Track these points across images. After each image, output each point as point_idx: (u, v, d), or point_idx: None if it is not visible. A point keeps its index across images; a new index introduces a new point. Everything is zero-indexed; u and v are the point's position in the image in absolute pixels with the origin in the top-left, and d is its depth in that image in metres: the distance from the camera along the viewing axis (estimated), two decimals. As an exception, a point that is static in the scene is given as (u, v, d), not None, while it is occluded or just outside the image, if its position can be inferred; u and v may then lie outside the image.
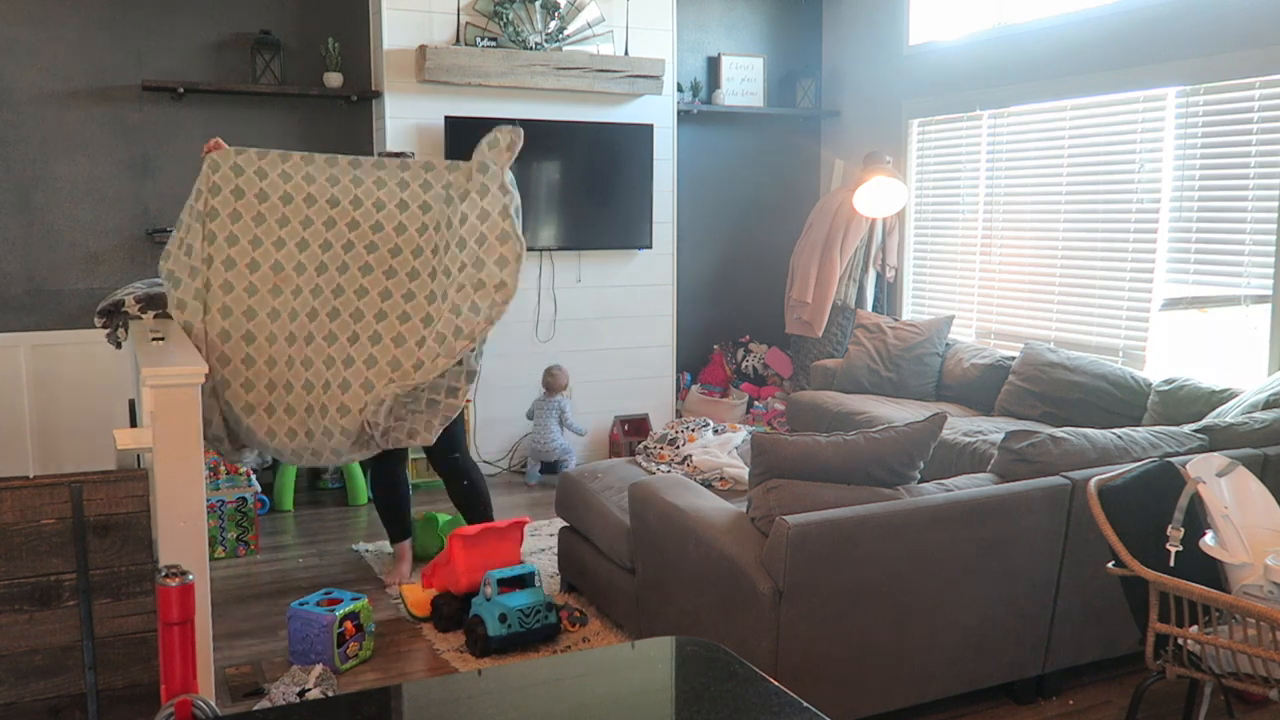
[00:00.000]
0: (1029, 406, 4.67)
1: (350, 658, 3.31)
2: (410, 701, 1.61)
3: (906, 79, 5.94)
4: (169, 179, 5.09)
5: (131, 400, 4.20)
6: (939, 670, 2.87)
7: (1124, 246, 4.73)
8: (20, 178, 4.84)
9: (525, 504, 5.08)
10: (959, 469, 4.08)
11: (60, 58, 4.84)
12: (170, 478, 2.50)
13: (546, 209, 5.50)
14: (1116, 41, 4.68)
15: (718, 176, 6.38)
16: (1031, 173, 5.22)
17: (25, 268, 4.89)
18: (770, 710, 1.45)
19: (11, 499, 2.31)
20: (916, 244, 6.05)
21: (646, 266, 5.84)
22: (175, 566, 1.66)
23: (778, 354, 6.43)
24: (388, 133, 5.19)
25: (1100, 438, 3.14)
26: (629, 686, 1.62)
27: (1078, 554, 2.97)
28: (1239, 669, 2.36)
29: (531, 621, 3.37)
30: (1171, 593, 2.37)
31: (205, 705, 1.60)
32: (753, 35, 6.39)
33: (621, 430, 5.76)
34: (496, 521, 3.69)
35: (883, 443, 2.86)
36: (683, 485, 3.26)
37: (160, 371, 2.50)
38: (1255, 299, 4.22)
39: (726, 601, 2.78)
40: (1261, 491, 2.58)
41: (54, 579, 2.35)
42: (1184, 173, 4.47)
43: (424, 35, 5.19)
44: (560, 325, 5.68)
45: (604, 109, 5.61)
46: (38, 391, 4.85)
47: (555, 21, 5.40)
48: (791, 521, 2.59)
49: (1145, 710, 3.02)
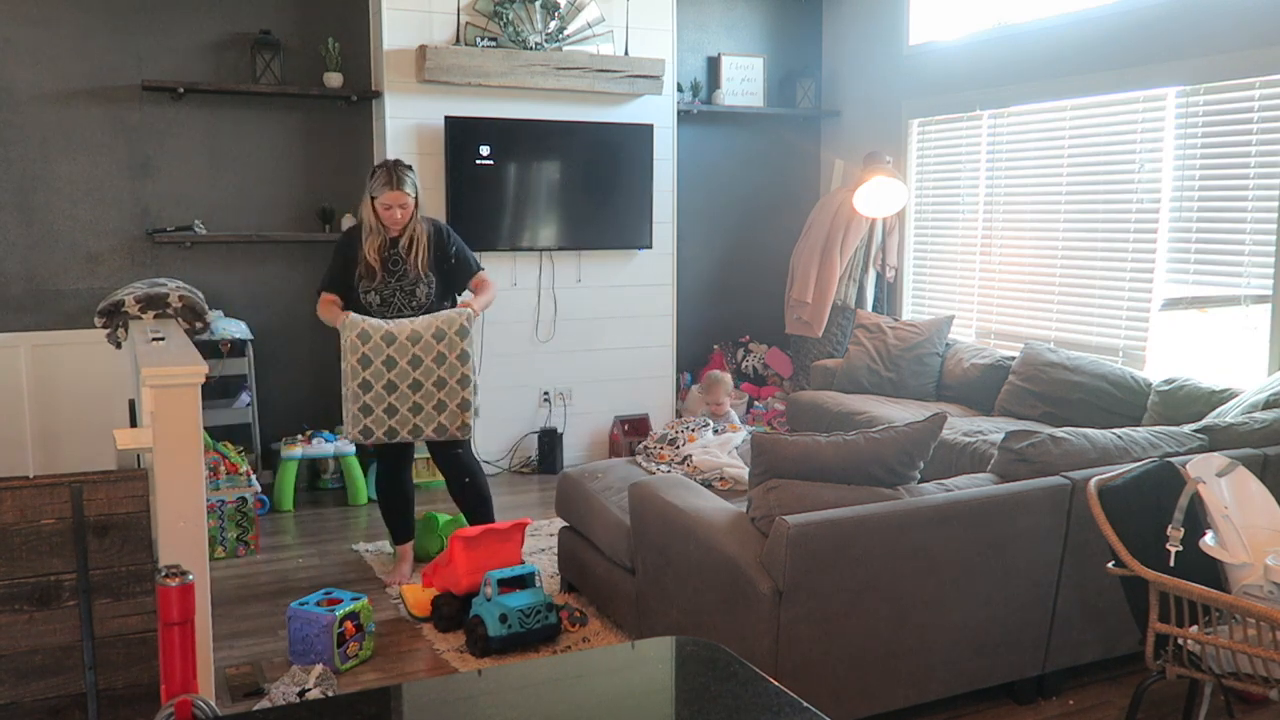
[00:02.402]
0: (1029, 406, 4.67)
1: (350, 658, 3.31)
2: (410, 701, 1.61)
3: (906, 79, 5.94)
4: (169, 179, 5.09)
5: (131, 400, 4.20)
6: (939, 670, 2.87)
7: (1124, 246, 4.73)
8: (20, 178, 4.84)
9: (526, 504, 5.08)
10: (959, 469, 4.08)
11: (60, 58, 4.84)
12: (170, 478, 2.50)
13: (546, 209, 5.50)
14: (1116, 41, 4.68)
15: (718, 176, 6.38)
16: (1031, 173, 5.22)
17: (25, 268, 4.89)
18: (770, 710, 1.45)
19: (11, 499, 2.31)
20: (916, 244, 6.05)
21: (646, 266, 5.84)
22: (175, 566, 1.66)
23: (778, 354, 6.43)
24: (388, 133, 5.19)
25: (1100, 438, 3.14)
26: (629, 686, 1.62)
27: (1078, 554, 2.97)
28: (1239, 669, 2.36)
29: (532, 622, 3.37)
30: (1171, 593, 2.37)
31: (205, 705, 1.60)
32: (753, 35, 6.39)
33: (621, 430, 5.75)
34: (497, 523, 3.69)
35: (883, 443, 2.86)
36: (683, 485, 3.25)
37: (160, 371, 2.50)
38: (1255, 299, 4.22)
39: (726, 601, 2.78)
40: (1261, 491, 2.58)
41: (54, 579, 2.35)
42: (1184, 173, 4.47)
43: (424, 35, 5.19)
44: (560, 325, 5.68)
45: (604, 109, 5.61)
46: (38, 391, 4.85)
47: (555, 21, 5.40)
48: (791, 521, 2.59)
49: (1145, 710, 3.02)
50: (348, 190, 5.33)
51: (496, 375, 5.55)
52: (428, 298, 3.86)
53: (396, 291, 3.83)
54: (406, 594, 3.73)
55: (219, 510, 4.27)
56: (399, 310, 3.83)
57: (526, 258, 5.56)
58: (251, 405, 5.05)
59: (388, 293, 3.83)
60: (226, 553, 4.31)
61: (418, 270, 3.82)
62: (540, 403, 5.71)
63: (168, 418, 2.49)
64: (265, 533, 4.61)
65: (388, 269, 3.81)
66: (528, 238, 5.48)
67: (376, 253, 3.80)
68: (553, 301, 5.65)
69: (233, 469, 4.40)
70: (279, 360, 5.34)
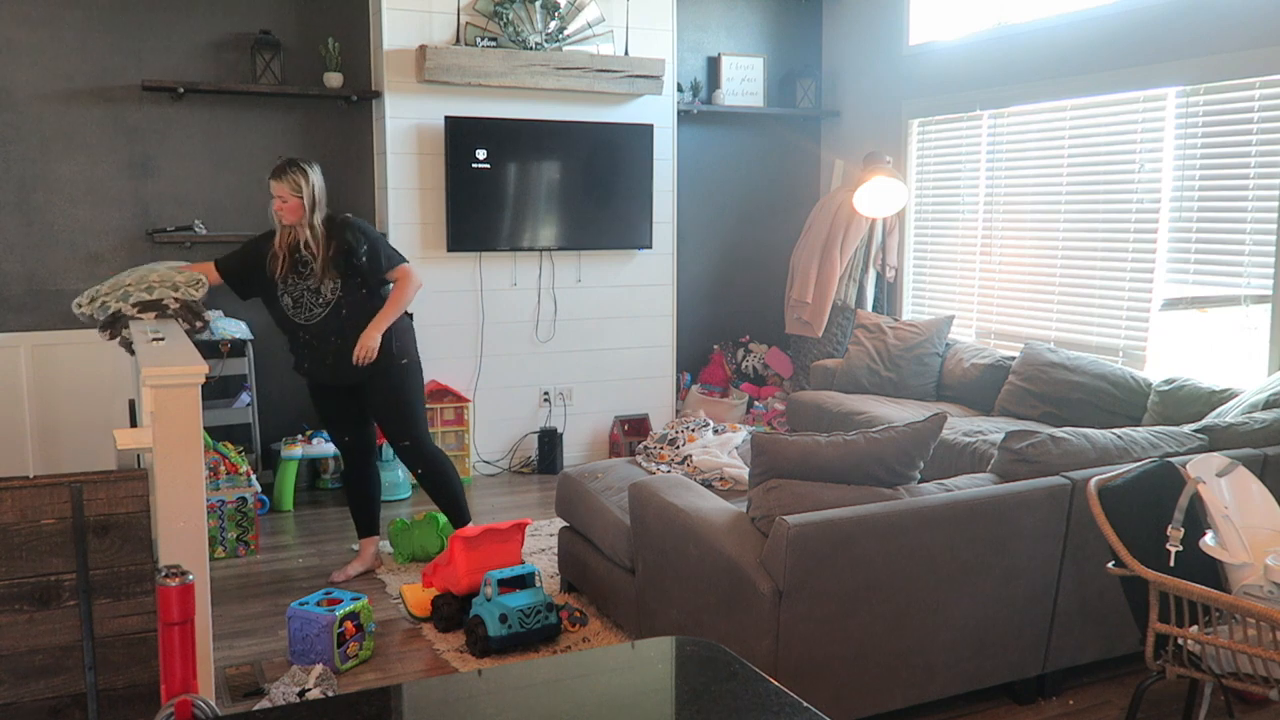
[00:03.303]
0: (1029, 406, 4.67)
1: (350, 658, 3.31)
2: (410, 701, 1.61)
3: (906, 79, 5.94)
4: (169, 179, 5.09)
5: (131, 400, 4.20)
6: (939, 670, 2.87)
7: (1124, 246, 4.73)
8: (20, 178, 4.84)
9: (526, 504, 5.08)
10: (959, 469, 4.08)
11: (60, 58, 4.84)
12: (170, 478, 2.50)
13: (546, 209, 5.50)
14: (1116, 41, 4.68)
15: (718, 177, 6.38)
16: (1031, 173, 5.22)
17: (25, 268, 4.89)
18: (770, 710, 1.45)
19: (11, 499, 2.30)
20: (916, 244, 6.05)
21: (646, 266, 5.84)
22: (175, 566, 1.66)
23: (778, 354, 6.43)
24: (388, 133, 5.19)
25: (1100, 438, 3.14)
26: (629, 686, 1.62)
27: (1078, 554, 2.97)
28: (1239, 669, 2.36)
29: (532, 622, 3.37)
30: (1171, 593, 2.37)
31: (205, 705, 1.60)
32: (753, 35, 6.39)
33: (621, 430, 5.75)
34: (497, 523, 3.69)
35: (883, 443, 2.86)
36: (683, 485, 3.25)
37: (160, 371, 2.50)
38: (1255, 299, 4.22)
39: (726, 601, 2.78)
40: (1261, 492, 2.58)
41: (54, 579, 2.35)
42: (1184, 173, 4.47)
43: (424, 35, 5.19)
44: (560, 325, 5.68)
45: (604, 109, 5.61)
46: (38, 391, 4.85)
47: (555, 21, 5.39)
48: (791, 521, 2.59)
49: (1145, 710, 3.02)
50: (348, 190, 5.33)
51: (496, 375, 5.55)
52: (334, 293, 3.80)
53: (304, 291, 3.82)
54: (406, 594, 3.73)
55: (219, 510, 4.27)
56: (309, 309, 3.82)
57: (526, 258, 5.56)
58: (251, 405, 5.05)
59: (296, 293, 3.83)
60: (226, 553, 4.31)
61: (320, 269, 3.79)
62: (540, 403, 5.71)
63: (168, 418, 2.49)
64: (265, 533, 4.61)
65: (296, 270, 3.82)
66: (528, 238, 5.48)
67: (285, 249, 3.80)
68: (553, 301, 5.64)
69: (233, 469, 4.40)
70: (279, 360, 5.33)
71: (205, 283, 3.73)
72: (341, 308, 3.81)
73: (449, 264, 5.39)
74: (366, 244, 3.84)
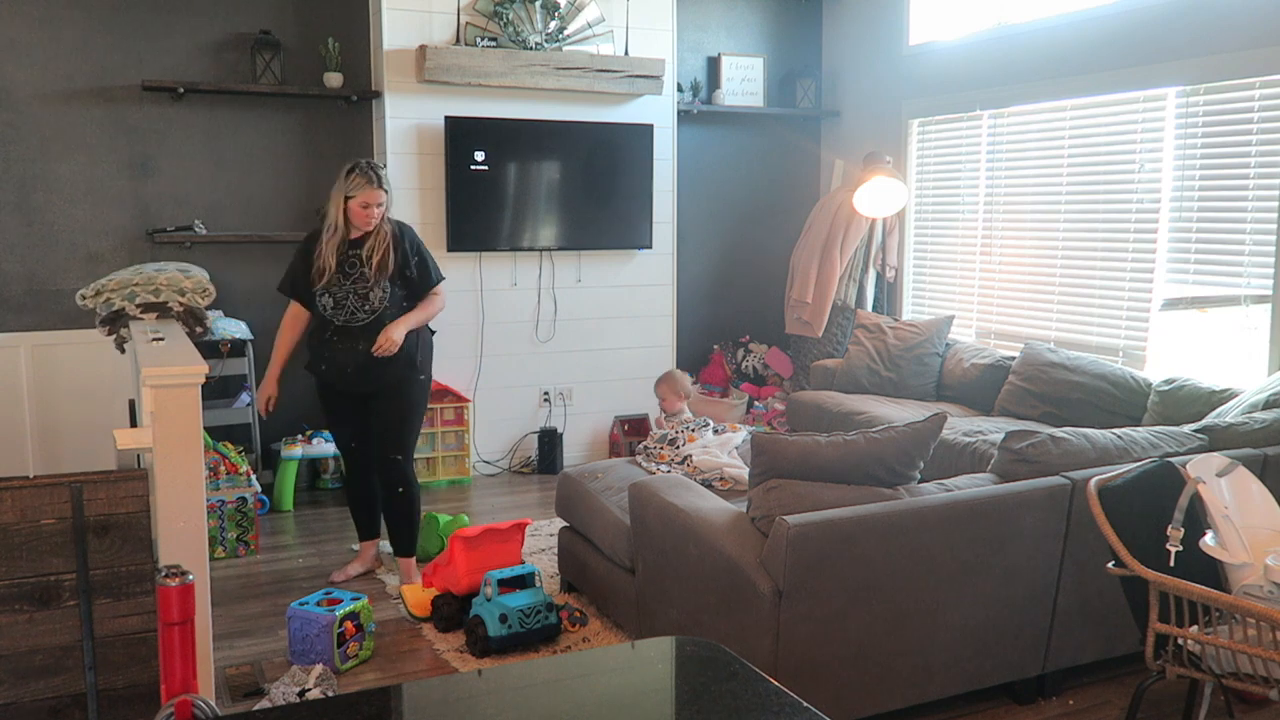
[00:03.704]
0: (1029, 406, 4.67)
1: (350, 658, 3.31)
2: (410, 701, 1.61)
3: (906, 79, 5.94)
4: (169, 179, 5.09)
5: (131, 400, 4.20)
6: (939, 670, 2.87)
7: (1124, 246, 4.73)
8: (20, 178, 4.84)
9: (526, 504, 5.08)
10: (959, 469, 4.07)
11: (60, 58, 4.84)
12: (170, 478, 2.50)
13: (546, 209, 5.50)
14: (1116, 41, 4.68)
15: (718, 177, 6.38)
16: (1031, 173, 5.22)
17: (25, 268, 4.89)
18: (770, 710, 1.45)
19: (11, 499, 2.30)
20: (916, 244, 6.05)
21: (646, 266, 5.84)
22: (175, 566, 1.66)
23: (778, 354, 6.43)
24: (388, 133, 5.19)
25: (1100, 438, 3.14)
26: (629, 686, 1.62)
27: (1078, 554, 2.97)
28: (1239, 669, 2.36)
29: (532, 622, 3.37)
30: (1171, 593, 2.37)
31: (205, 705, 1.60)
32: (753, 35, 6.39)
33: (621, 430, 5.75)
34: (497, 523, 3.69)
35: (883, 443, 2.86)
36: (683, 485, 3.25)
37: (160, 371, 2.50)
38: (1255, 299, 4.21)
39: (726, 601, 2.78)
40: (1261, 492, 2.57)
41: (54, 579, 2.35)
42: (1184, 173, 4.47)
43: (424, 35, 5.19)
44: (560, 325, 5.68)
45: (604, 109, 5.61)
46: (38, 391, 4.85)
47: (555, 21, 5.39)
48: (791, 521, 2.59)
49: (1145, 710, 3.02)
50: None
51: (496, 375, 5.55)
52: (382, 303, 3.74)
53: (350, 294, 3.73)
54: (406, 594, 3.73)
55: (219, 510, 4.27)
56: (351, 314, 3.74)
57: (526, 258, 5.56)
58: (251, 405, 5.05)
59: (340, 294, 3.74)
60: (226, 553, 4.31)
61: (375, 274, 3.73)
62: (540, 403, 5.71)
63: (168, 418, 2.49)
64: (265, 533, 4.61)
65: (344, 270, 3.74)
66: (528, 238, 5.48)
67: (334, 253, 3.73)
68: (553, 301, 5.64)
69: (233, 469, 4.40)
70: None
71: (212, 291, 3.70)
72: (384, 318, 3.76)
73: (449, 264, 5.37)
74: (418, 256, 3.85)
